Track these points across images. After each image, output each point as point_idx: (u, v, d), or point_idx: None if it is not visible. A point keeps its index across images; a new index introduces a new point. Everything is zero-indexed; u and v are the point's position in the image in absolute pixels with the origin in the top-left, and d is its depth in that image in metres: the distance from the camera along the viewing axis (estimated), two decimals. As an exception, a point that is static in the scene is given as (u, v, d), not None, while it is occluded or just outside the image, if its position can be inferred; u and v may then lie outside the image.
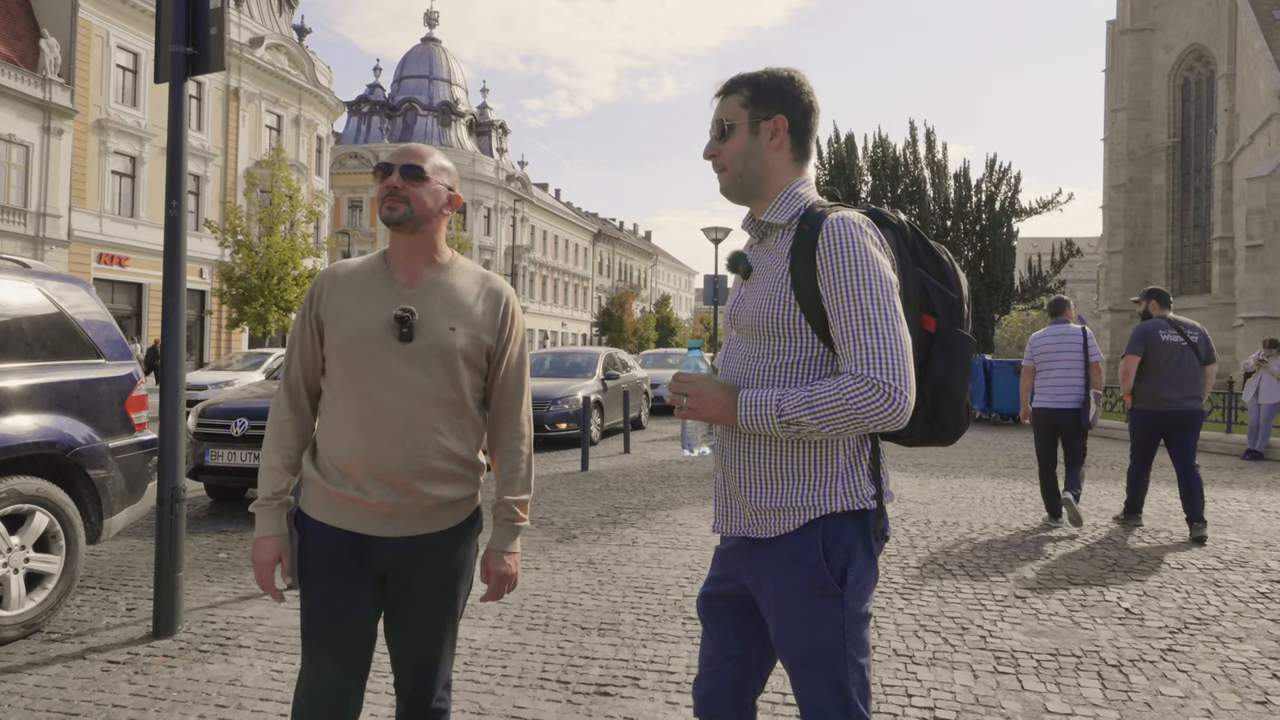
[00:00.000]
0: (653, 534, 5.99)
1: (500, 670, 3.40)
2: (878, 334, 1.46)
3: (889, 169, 22.63)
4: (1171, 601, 4.44)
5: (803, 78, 1.68)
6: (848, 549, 1.58)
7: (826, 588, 1.57)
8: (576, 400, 11.70)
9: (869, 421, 1.46)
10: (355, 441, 1.77)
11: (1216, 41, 34.49)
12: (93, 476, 4.10)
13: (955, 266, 1.68)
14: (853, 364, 1.47)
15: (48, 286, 4.20)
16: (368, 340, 1.77)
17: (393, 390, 1.76)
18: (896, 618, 4.10)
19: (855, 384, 1.46)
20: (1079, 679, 3.36)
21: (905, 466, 9.68)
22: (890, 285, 1.51)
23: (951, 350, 1.61)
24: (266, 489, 1.85)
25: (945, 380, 1.61)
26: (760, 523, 1.63)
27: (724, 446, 1.69)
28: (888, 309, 1.49)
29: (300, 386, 1.87)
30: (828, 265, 1.52)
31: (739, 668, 1.74)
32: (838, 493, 1.58)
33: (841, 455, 1.59)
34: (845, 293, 1.49)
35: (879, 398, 1.44)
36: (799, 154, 1.69)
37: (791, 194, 1.67)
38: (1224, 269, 32.18)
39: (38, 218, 26.06)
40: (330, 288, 1.84)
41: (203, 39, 3.80)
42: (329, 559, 1.82)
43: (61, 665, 3.40)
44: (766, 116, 1.65)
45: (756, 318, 1.61)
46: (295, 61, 37.06)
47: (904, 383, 1.46)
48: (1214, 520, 6.70)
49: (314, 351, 1.86)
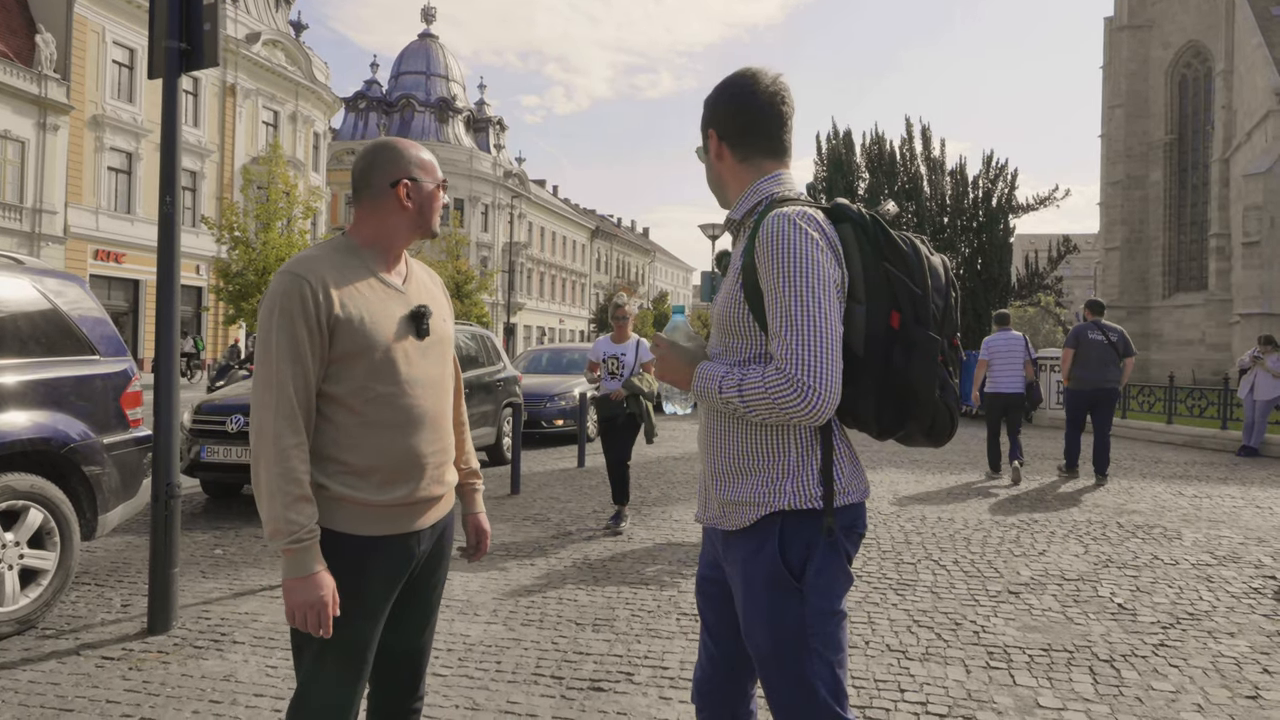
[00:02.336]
0: (648, 530, 6.00)
1: (494, 666, 3.41)
2: (796, 331, 1.49)
3: (886, 166, 22.63)
4: (1164, 597, 4.46)
5: (736, 78, 1.73)
6: (808, 544, 1.58)
7: (782, 581, 1.57)
8: (573, 397, 11.70)
9: (786, 414, 1.50)
10: (397, 444, 1.74)
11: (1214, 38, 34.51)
12: (87, 473, 4.10)
13: (923, 259, 1.63)
14: (778, 359, 1.51)
15: (42, 283, 4.19)
16: (395, 341, 1.75)
17: (421, 388, 1.79)
18: (890, 613, 4.11)
19: (776, 377, 1.50)
20: (1071, 674, 3.38)
21: (900, 462, 9.70)
22: (821, 282, 1.50)
23: (910, 347, 1.58)
24: (304, 522, 1.61)
25: (904, 378, 1.57)
26: (726, 515, 1.66)
27: (702, 439, 1.73)
28: (811, 306, 1.49)
29: (307, 403, 1.67)
30: (762, 261, 1.55)
31: (731, 656, 1.75)
32: (786, 491, 1.59)
33: (793, 452, 1.59)
34: (773, 289, 1.53)
35: (793, 393, 1.47)
36: (744, 154, 1.72)
37: (753, 190, 1.72)
38: (1221, 266, 32.25)
39: (34, 214, 26.01)
40: (329, 289, 1.68)
41: (196, 34, 3.79)
42: (382, 572, 1.75)
43: (56, 661, 3.40)
44: (706, 134, 1.77)
45: (719, 315, 1.68)
46: (292, 57, 36.97)
47: (819, 381, 1.47)
48: (1208, 517, 6.72)
49: (323, 362, 1.69)
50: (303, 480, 1.64)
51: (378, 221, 1.82)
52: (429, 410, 1.81)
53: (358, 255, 1.80)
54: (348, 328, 1.69)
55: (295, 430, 1.65)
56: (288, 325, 1.65)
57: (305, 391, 1.68)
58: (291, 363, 1.66)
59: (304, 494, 1.63)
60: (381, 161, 1.82)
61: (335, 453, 1.72)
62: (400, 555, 1.78)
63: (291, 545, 1.61)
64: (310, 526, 1.63)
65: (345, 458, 1.71)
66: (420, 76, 53.95)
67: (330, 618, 1.64)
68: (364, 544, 1.73)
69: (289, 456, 1.63)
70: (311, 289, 1.67)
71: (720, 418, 1.66)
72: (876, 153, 22.86)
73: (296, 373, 1.66)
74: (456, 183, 49.85)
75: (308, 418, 1.68)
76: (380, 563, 1.75)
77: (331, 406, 1.72)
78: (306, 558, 1.63)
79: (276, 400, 1.64)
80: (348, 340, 1.70)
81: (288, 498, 1.61)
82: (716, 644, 1.77)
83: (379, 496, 1.74)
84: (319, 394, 1.72)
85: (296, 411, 1.65)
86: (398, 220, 1.82)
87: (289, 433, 1.64)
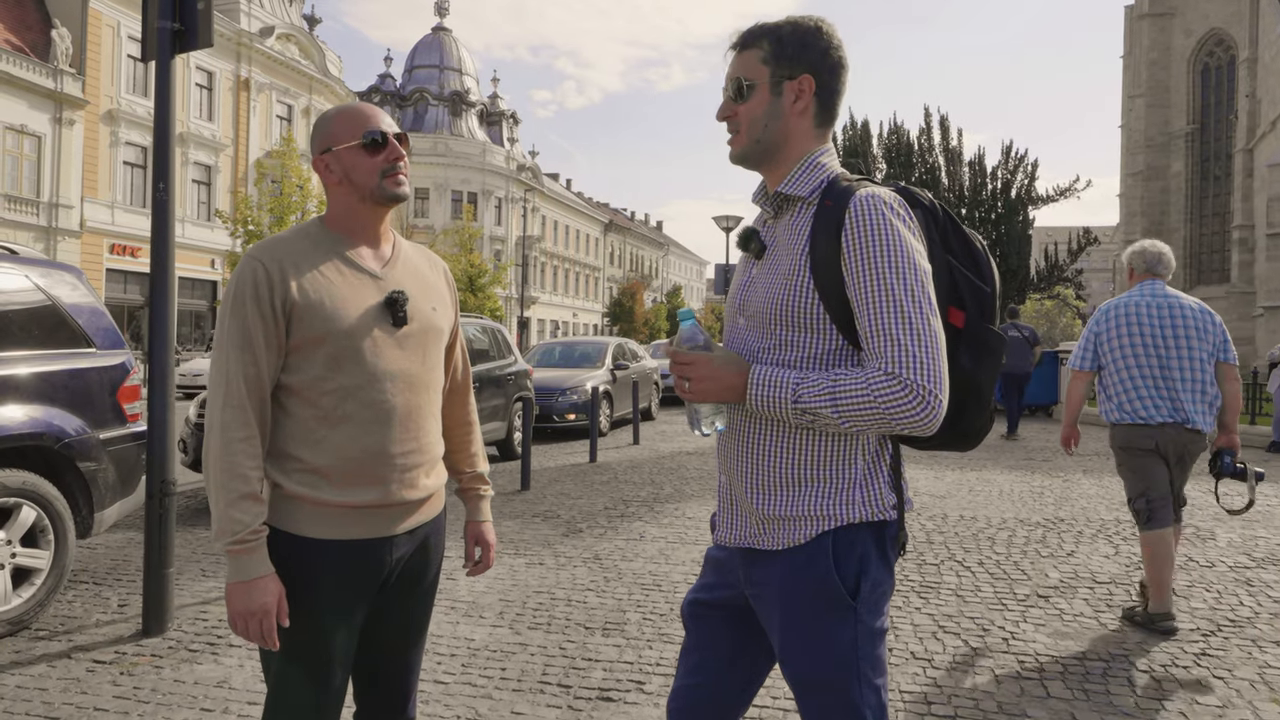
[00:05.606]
0: (660, 528, 5.84)
1: (499, 672, 3.26)
2: (911, 329, 1.30)
3: (903, 156, 22.32)
4: (1202, 602, 4.25)
5: (831, 29, 1.49)
6: (861, 556, 1.41)
7: (837, 600, 1.40)
8: (585, 390, 11.56)
9: (896, 424, 1.30)
10: (359, 442, 1.58)
11: (1237, 25, 33.89)
12: (82, 469, 3.98)
13: (988, 255, 1.51)
14: (882, 360, 1.31)
15: (36, 273, 4.07)
16: (362, 329, 1.58)
17: (392, 382, 1.61)
18: (914, 618, 3.93)
19: (886, 381, 1.30)
20: (1108, 685, 3.19)
21: (919, 459, 9.48)
22: (925, 274, 1.35)
23: (979, 348, 1.44)
24: (248, 521, 1.48)
25: (972, 381, 1.44)
26: (767, 532, 1.46)
27: (729, 448, 1.52)
28: (922, 301, 1.32)
29: (259, 394, 1.54)
30: (855, 249, 1.35)
31: (722, 685, 1.58)
32: (855, 501, 1.41)
33: (860, 460, 1.42)
34: (875, 281, 1.33)
35: (911, 399, 1.29)
36: (824, 118, 1.50)
37: (813, 163, 1.48)
38: (1243, 257, 31.70)
39: (50, 208, 26.11)
40: (286, 273, 1.55)
41: (190, 14, 3.65)
42: (345, 580, 1.59)
43: (46, 665, 3.28)
44: (790, 75, 1.46)
45: (768, 304, 1.44)
46: (305, 51, 36.96)
47: (938, 385, 1.30)
48: (1242, 516, 6.48)
49: (279, 350, 1.55)
50: (249, 477, 1.50)
51: (333, 202, 1.67)
52: (400, 407, 1.62)
53: (328, 238, 1.65)
54: (305, 313, 1.54)
55: (244, 423, 1.52)
56: (240, 311, 1.53)
57: (257, 382, 1.54)
58: (241, 350, 1.53)
59: (250, 491, 1.50)
60: (313, 140, 1.68)
61: (292, 449, 1.57)
62: (366, 562, 1.61)
63: (234, 546, 1.48)
64: (255, 527, 1.50)
65: (302, 454, 1.57)
66: (434, 70, 53.82)
67: (274, 628, 1.50)
68: (322, 548, 1.57)
69: (235, 451, 1.50)
70: (266, 272, 1.54)
71: (766, 424, 1.45)
72: (894, 143, 22.57)
73: (246, 361, 1.53)
74: (470, 176, 49.78)
75: (260, 411, 1.55)
76: (341, 569, 1.58)
77: (290, 399, 1.58)
78: (250, 561, 1.49)
79: (225, 392, 1.52)
80: (305, 327, 1.55)
81: (231, 495, 1.49)
82: (709, 673, 1.58)
83: (339, 498, 1.57)
84: (278, 386, 1.57)
85: (246, 403, 1.52)
86: (338, 196, 1.66)
87: (236, 425, 1.51)
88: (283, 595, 1.52)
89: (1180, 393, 3.86)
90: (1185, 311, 3.93)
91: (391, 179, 1.63)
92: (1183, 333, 3.89)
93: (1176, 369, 3.87)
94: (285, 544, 1.56)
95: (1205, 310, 3.95)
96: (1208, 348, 3.89)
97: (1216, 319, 3.97)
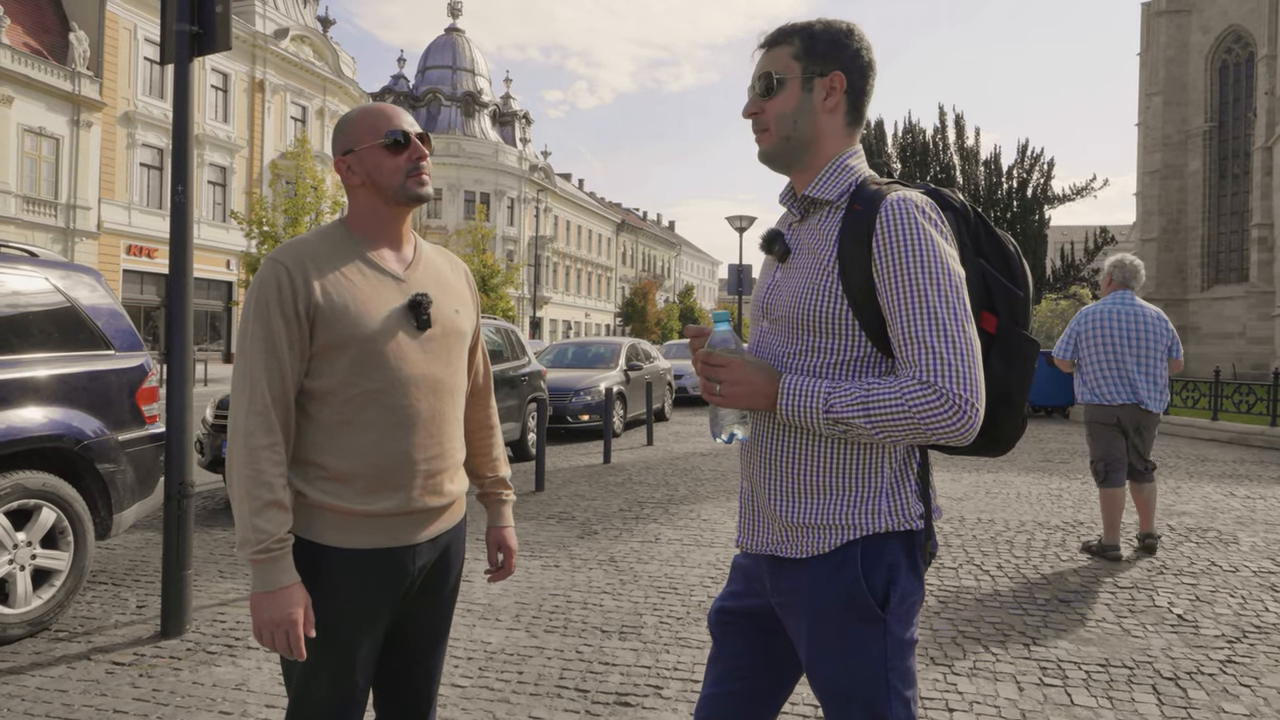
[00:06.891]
0: (676, 530, 5.82)
1: (516, 676, 3.25)
2: (946, 337, 1.27)
3: (918, 155, 22.23)
4: (1227, 608, 4.19)
5: (862, 32, 1.47)
6: (891, 566, 1.39)
7: (866, 610, 1.37)
8: (599, 391, 11.55)
9: (931, 434, 1.27)
10: (382, 447, 1.56)
11: (1256, 22, 33.48)
12: (101, 470, 3.99)
13: (1021, 258, 1.47)
14: (916, 369, 1.28)
15: (55, 276, 4.09)
16: (386, 332, 1.56)
17: (416, 386, 1.59)
18: (933, 622, 3.89)
19: (921, 391, 1.27)
20: (1133, 693, 3.14)
21: (935, 460, 9.42)
22: (959, 280, 1.32)
23: (1013, 354, 1.41)
24: (273, 530, 1.45)
25: (1004, 388, 1.40)
26: (790, 540, 1.43)
27: (753, 454, 1.49)
28: (957, 308, 1.29)
29: (284, 399, 1.51)
30: (886, 254, 1.32)
31: (749, 695, 1.55)
32: (881, 511, 1.39)
33: (887, 468, 1.40)
34: (908, 287, 1.30)
35: (947, 409, 1.25)
36: (853, 118, 1.48)
37: (841, 165, 1.45)
38: (1262, 256, 31.32)
39: (68, 210, 26.35)
40: (309, 276, 1.52)
41: (208, 17, 3.66)
42: (369, 589, 1.57)
43: (65, 666, 3.29)
44: (822, 72, 1.44)
45: (794, 308, 1.41)
46: (319, 53, 37.15)
47: (975, 394, 1.27)
48: (1264, 519, 6.40)
49: (303, 355, 1.53)
50: (274, 484, 1.47)
51: (355, 203, 1.65)
52: (423, 411, 1.60)
53: (349, 240, 1.63)
54: (329, 317, 1.52)
55: (268, 430, 1.49)
56: (264, 315, 1.50)
57: (281, 387, 1.51)
58: (265, 356, 1.50)
59: (275, 499, 1.47)
60: (334, 142, 1.65)
61: (315, 455, 1.55)
62: (390, 571, 1.59)
63: (259, 555, 1.45)
64: (280, 535, 1.47)
65: (325, 461, 1.54)
66: (446, 71, 53.97)
67: (300, 638, 1.47)
68: (346, 557, 1.55)
69: (260, 458, 1.47)
70: (289, 275, 1.51)
71: (791, 430, 1.43)
72: (909, 142, 22.47)
73: (271, 366, 1.50)
74: (483, 176, 49.89)
75: (285, 417, 1.52)
76: (365, 579, 1.56)
77: (314, 404, 1.55)
78: (275, 570, 1.46)
79: (249, 397, 1.49)
80: (329, 331, 1.52)
81: (256, 503, 1.45)
82: (736, 682, 1.55)
83: (362, 505, 1.55)
84: (301, 391, 1.55)
85: (270, 409, 1.49)
86: (360, 197, 1.64)
87: (261, 432, 1.48)
88: (309, 605, 1.49)
89: (1137, 380, 5.07)
90: (1145, 317, 5.13)
91: (415, 179, 1.62)
92: (1142, 334, 5.09)
93: (1133, 362, 5.08)
94: (308, 553, 1.54)
95: (1161, 317, 5.17)
96: (1161, 347, 5.11)
97: (1169, 324, 5.18)
